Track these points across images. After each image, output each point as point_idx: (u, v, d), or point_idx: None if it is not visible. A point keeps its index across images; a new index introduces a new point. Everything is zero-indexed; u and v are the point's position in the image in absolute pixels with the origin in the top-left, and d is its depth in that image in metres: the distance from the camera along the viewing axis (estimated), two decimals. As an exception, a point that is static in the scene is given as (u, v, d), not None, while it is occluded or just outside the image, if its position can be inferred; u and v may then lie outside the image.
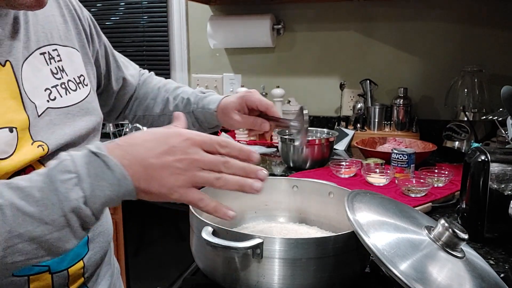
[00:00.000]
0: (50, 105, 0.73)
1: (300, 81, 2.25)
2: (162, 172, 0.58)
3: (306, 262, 0.70)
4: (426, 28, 2.05)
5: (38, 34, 0.74)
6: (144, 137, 0.60)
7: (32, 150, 0.67)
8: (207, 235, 0.71)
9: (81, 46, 0.85)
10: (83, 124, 0.77)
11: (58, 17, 0.80)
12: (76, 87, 0.79)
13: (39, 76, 0.72)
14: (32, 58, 0.72)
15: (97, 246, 0.80)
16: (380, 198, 0.78)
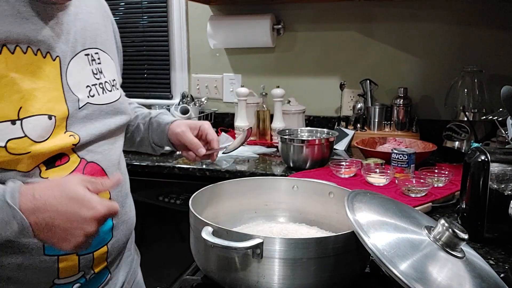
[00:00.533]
0: (89, 101, 0.82)
1: (300, 81, 2.25)
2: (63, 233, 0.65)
3: (306, 262, 0.70)
4: (426, 28, 2.05)
5: (85, 37, 0.84)
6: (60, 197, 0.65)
7: (64, 138, 0.76)
8: (207, 235, 0.71)
9: (115, 56, 0.96)
10: (113, 122, 0.87)
11: (101, 26, 0.91)
12: (111, 89, 0.89)
13: (82, 74, 0.82)
14: (78, 57, 0.81)
15: (120, 233, 0.88)
16: (380, 198, 0.78)
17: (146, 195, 1.77)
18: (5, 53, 0.68)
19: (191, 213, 0.80)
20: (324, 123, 2.20)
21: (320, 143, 1.66)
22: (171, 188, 1.76)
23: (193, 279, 0.84)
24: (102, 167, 0.83)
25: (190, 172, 1.71)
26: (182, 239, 1.76)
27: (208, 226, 0.73)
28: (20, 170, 0.71)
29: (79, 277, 0.81)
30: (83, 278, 0.81)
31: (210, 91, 2.39)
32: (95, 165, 0.82)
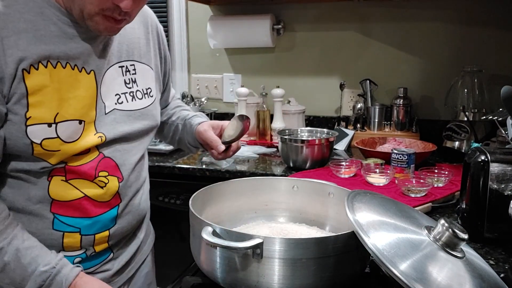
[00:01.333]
0: (117, 107, 0.92)
1: (300, 81, 2.25)
2: None
3: (306, 262, 0.70)
4: (426, 28, 2.05)
5: (121, 51, 0.94)
6: None
7: (93, 138, 0.88)
8: (207, 235, 0.71)
9: (155, 66, 1.04)
10: (140, 126, 0.97)
11: (142, 39, 1.00)
12: (143, 97, 0.98)
13: (114, 83, 0.92)
14: (112, 69, 0.92)
15: (124, 221, 0.97)
16: (380, 198, 0.78)
17: (146, 195, 1.77)
18: (49, 68, 0.81)
19: (191, 213, 0.80)
20: (324, 123, 2.20)
21: (320, 143, 1.66)
22: (171, 188, 1.76)
23: (193, 279, 0.84)
24: (116, 163, 0.92)
25: (190, 172, 1.71)
26: (182, 239, 1.76)
27: (208, 226, 0.73)
28: (50, 162, 0.84)
29: (81, 252, 0.92)
30: (84, 254, 0.93)
31: (210, 91, 2.39)
32: (111, 160, 0.92)
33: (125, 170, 0.94)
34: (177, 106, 1.24)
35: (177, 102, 1.27)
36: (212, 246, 0.72)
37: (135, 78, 0.97)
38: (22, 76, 0.78)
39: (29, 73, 0.79)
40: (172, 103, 1.25)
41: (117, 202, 0.94)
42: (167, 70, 1.13)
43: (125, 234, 1.00)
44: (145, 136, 1.00)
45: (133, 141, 0.96)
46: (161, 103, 1.15)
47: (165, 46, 1.10)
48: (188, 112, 1.21)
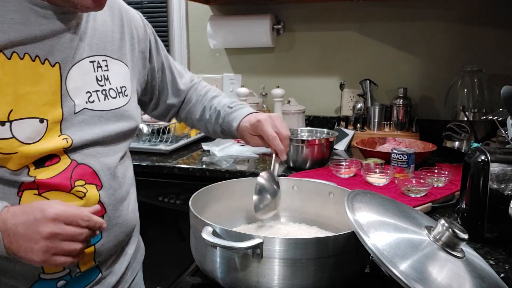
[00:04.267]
0: (87, 106, 0.83)
1: (300, 81, 2.25)
2: (26, 241, 0.69)
3: (306, 262, 0.70)
4: (426, 28, 2.05)
5: (92, 45, 0.85)
6: (24, 209, 0.71)
7: (56, 140, 0.78)
8: (207, 235, 0.71)
9: (132, 63, 0.96)
10: (114, 128, 0.87)
11: (116, 34, 0.92)
12: (116, 95, 0.89)
13: (84, 80, 0.83)
14: (81, 63, 0.82)
15: (111, 234, 0.88)
16: (380, 198, 0.78)
17: (146, 195, 1.77)
18: (1, 59, 0.72)
19: (191, 213, 0.80)
20: (324, 123, 2.20)
21: (320, 143, 1.66)
22: (171, 188, 1.76)
23: (193, 279, 0.84)
24: (94, 169, 0.84)
25: (190, 172, 1.71)
26: (182, 239, 1.76)
27: (208, 226, 0.73)
28: (9, 168, 0.75)
29: (64, 274, 0.83)
30: (68, 276, 0.83)
31: (210, 91, 2.39)
32: (86, 167, 0.83)
33: (104, 175, 0.85)
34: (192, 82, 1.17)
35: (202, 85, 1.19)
36: (212, 246, 0.72)
37: (107, 75, 0.88)
38: None
39: None
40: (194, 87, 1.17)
41: (102, 213, 0.85)
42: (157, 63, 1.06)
43: (113, 250, 0.90)
44: (122, 139, 0.91)
45: (109, 145, 0.87)
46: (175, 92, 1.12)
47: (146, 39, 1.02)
48: (213, 93, 1.15)
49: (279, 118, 1.01)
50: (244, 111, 1.06)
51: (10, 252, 0.70)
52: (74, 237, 0.71)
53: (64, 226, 0.70)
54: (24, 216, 0.70)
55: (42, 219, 0.69)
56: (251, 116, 1.03)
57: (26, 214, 0.70)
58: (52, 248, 0.70)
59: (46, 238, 0.69)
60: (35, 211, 0.70)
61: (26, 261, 0.71)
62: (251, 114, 1.04)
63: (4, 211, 0.71)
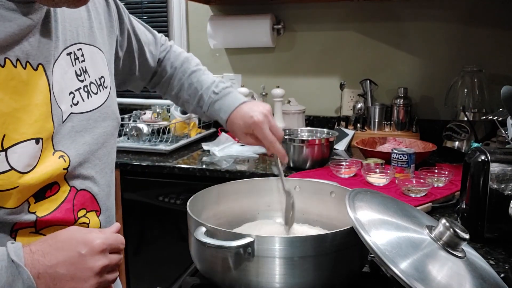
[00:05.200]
0: (73, 110, 0.71)
1: (300, 81, 2.25)
2: (73, 282, 0.59)
3: (299, 260, 0.70)
4: (426, 28, 2.05)
5: (65, 33, 0.72)
6: (55, 245, 0.60)
7: (54, 161, 0.67)
8: (200, 235, 0.72)
9: (103, 44, 0.82)
10: (102, 130, 0.77)
11: (83, 12, 0.78)
12: (97, 90, 0.78)
13: (66, 79, 0.71)
14: (60, 59, 0.70)
15: None
16: (381, 197, 0.78)
17: (146, 195, 1.77)
18: None
19: (188, 214, 0.80)
20: (324, 123, 2.20)
21: (320, 143, 1.65)
22: (171, 188, 1.76)
23: (193, 279, 0.84)
24: (92, 194, 0.76)
25: (190, 172, 1.71)
26: (182, 239, 1.76)
27: (201, 226, 0.74)
28: (7, 207, 0.63)
29: None
30: None
31: (210, 91, 2.39)
32: (85, 192, 0.75)
33: (101, 198, 0.77)
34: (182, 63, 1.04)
35: (175, 54, 1.05)
36: (206, 246, 0.72)
37: (85, 66, 0.75)
38: None
39: None
40: (166, 57, 1.05)
41: None
42: (121, 35, 0.92)
43: None
44: (110, 142, 0.81)
45: (100, 154, 0.77)
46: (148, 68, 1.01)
47: (110, 10, 0.86)
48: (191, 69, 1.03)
49: (271, 113, 0.96)
50: (232, 100, 0.97)
51: None
52: (118, 264, 0.66)
53: (111, 256, 0.63)
54: (62, 253, 0.60)
55: (90, 253, 0.61)
56: (244, 112, 0.94)
57: (64, 250, 0.60)
58: (101, 283, 0.62)
59: (98, 273, 0.61)
60: (75, 245, 0.61)
61: None
62: (241, 106, 0.96)
63: (26, 252, 0.59)
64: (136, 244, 1.84)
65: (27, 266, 0.58)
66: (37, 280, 0.58)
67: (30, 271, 0.58)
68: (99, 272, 0.61)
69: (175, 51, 1.08)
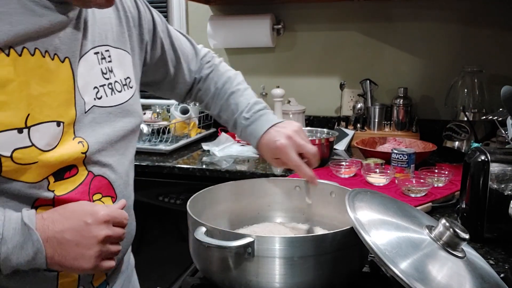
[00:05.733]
0: (96, 103, 0.77)
1: (300, 81, 2.25)
2: (77, 248, 0.66)
3: (303, 260, 0.70)
4: (426, 28, 2.05)
5: (95, 34, 0.79)
6: (64, 214, 0.67)
7: (73, 145, 0.72)
8: (200, 235, 0.72)
9: (132, 49, 0.89)
10: (122, 125, 0.82)
11: (114, 19, 0.85)
12: (122, 89, 0.83)
13: (91, 74, 0.77)
14: (87, 56, 0.77)
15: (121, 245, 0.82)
16: (380, 197, 0.78)
17: (146, 195, 1.77)
18: (12, 56, 0.64)
19: (188, 214, 0.80)
20: (324, 123, 2.20)
21: (320, 143, 1.65)
22: (171, 188, 1.76)
23: (193, 279, 0.84)
24: (109, 180, 0.80)
25: (190, 172, 1.71)
26: (182, 239, 1.76)
27: (201, 226, 0.74)
28: (26, 181, 0.68)
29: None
30: None
31: (210, 91, 2.39)
32: (102, 178, 0.79)
33: (118, 186, 0.82)
34: (223, 84, 1.04)
35: (218, 74, 1.06)
36: (206, 246, 0.72)
37: (111, 66, 0.81)
38: None
39: None
40: (210, 76, 1.06)
41: None
42: (156, 48, 0.97)
43: (120, 260, 0.88)
44: (130, 139, 0.86)
45: (120, 147, 0.82)
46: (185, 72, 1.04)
47: (143, 23, 0.92)
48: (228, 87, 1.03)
49: (300, 132, 0.93)
50: (261, 125, 0.96)
51: (52, 262, 0.66)
52: (121, 238, 0.71)
53: (114, 228, 0.69)
54: (70, 221, 0.66)
55: (95, 221, 0.67)
56: (269, 137, 0.93)
57: (71, 219, 0.67)
58: (103, 252, 0.68)
59: (100, 242, 0.67)
60: (82, 214, 0.67)
61: (73, 270, 0.68)
62: (269, 130, 0.94)
63: (38, 218, 0.66)
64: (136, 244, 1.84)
65: (38, 230, 0.65)
66: (46, 243, 0.65)
67: (40, 235, 0.64)
68: (102, 241, 0.67)
69: (220, 69, 1.09)
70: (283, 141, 0.90)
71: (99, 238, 0.67)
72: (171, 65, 1.02)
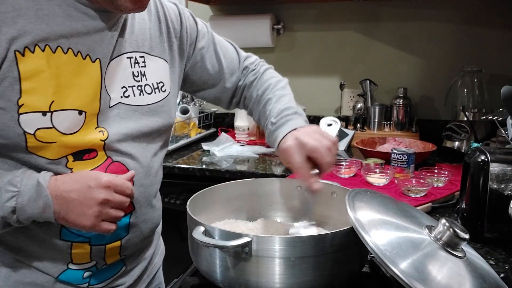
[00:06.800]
0: (122, 101, 0.84)
1: (300, 81, 2.25)
2: (80, 206, 0.75)
3: (302, 260, 0.70)
4: (426, 28, 2.05)
5: (131, 42, 0.86)
6: (74, 177, 0.77)
7: (94, 132, 0.81)
8: (198, 235, 0.72)
9: (172, 58, 0.95)
10: (147, 123, 0.88)
11: (154, 31, 0.92)
12: (152, 91, 0.90)
13: (121, 75, 0.84)
14: (119, 59, 0.84)
15: (138, 231, 0.90)
16: (380, 197, 0.78)
17: (146, 195, 1.77)
18: (47, 52, 0.74)
19: (188, 214, 0.80)
20: (324, 123, 2.20)
21: (320, 143, 1.65)
22: (171, 188, 1.76)
23: (193, 279, 0.84)
24: (127, 167, 0.85)
25: (190, 172, 1.71)
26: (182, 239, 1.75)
27: (200, 226, 0.74)
28: (48, 157, 0.77)
29: (91, 265, 0.87)
30: (94, 267, 0.87)
31: (210, 91, 2.39)
32: (120, 165, 0.84)
33: (136, 174, 0.86)
34: (264, 92, 1.04)
35: (260, 82, 1.07)
36: (203, 246, 0.72)
37: (144, 71, 0.88)
38: (15, 59, 0.71)
39: (23, 55, 0.72)
40: (253, 84, 1.08)
41: (129, 210, 0.87)
42: (194, 58, 1.02)
43: (139, 245, 0.93)
44: (156, 136, 0.91)
45: (142, 141, 0.88)
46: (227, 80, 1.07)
47: (184, 35, 0.98)
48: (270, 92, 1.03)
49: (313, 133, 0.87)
50: (282, 131, 0.92)
51: (59, 217, 0.75)
52: (121, 204, 0.78)
53: (114, 194, 0.76)
54: (76, 183, 0.76)
55: (96, 185, 0.75)
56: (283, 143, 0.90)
57: (78, 182, 0.76)
58: (103, 214, 0.76)
59: (99, 203, 0.75)
60: (87, 179, 0.76)
61: (76, 225, 0.77)
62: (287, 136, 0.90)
63: (51, 179, 0.76)
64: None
65: (49, 188, 0.75)
66: (55, 199, 0.75)
67: (51, 192, 0.75)
68: (101, 203, 0.75)
69: (263, 77, 1.09)
70: (289, 142, 0.87)
71: (98, 200, 0.75)
72: (212, 72, 1.06)
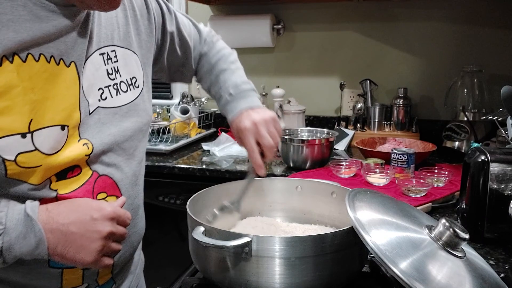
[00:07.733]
0: (100, 104, 0.77)
1: (300, 81, 2.25)
2: (80, 240, 0.67)
3: (302, 260, 0.70)
4: (426, 28, 2.05)
5: (100, 35, 0.78)
6: (70, 207, 0.69)
7: (78, 147, 0.73)
8: (198, 235, 0.72)
9: (139, 48, 0.88)
10: (129, 125, 0.82)
11: (120, 18, 0.83)
12: (127, 89, 0.83)
13: (96, 76, 0.76)
14: (92, 57, 0.76)
15: (128, 245, 0.86)
16: (380, 196, 0.78)
17: (146, 195, 1.76)
18: (16, 62, 0.64)
19: (188, 214, 0.80)
20: (324, 123, 2.20)
21: (320, 143, 1.66)
22: (171, 188, 1.76)
23: (193, 279, 0.84)
24: (114, 180, 0.80)
25: (190, 172, 1.71)
26: (182, 239, 1.76)
27: (200, 226, 0.74)
28: (31, 182, 0.69)
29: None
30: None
31: (210, 91, 2.39)
32: (107, 178, 0.79)
33: (124, 185, 0.81)
34: (217, 61, 1.07)
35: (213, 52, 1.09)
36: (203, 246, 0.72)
37: (117, 66, 0.81)
38: None
39: None
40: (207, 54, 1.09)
41: None
42: (164, 42, 0.98)
43: (127, 259, 0.88)
44: (137, 136, 0.85)
45: (127, 146, 0.82)
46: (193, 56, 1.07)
47: (150, 18, 0.91)
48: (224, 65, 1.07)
49: (269, 122, 0.95)
50: (242, 104, 0.99)
51: (55, 253, 0.67)
52: (122, 236, 0.72)
53: (118, 226, 0.71)
54: (74, 214, 0.68)
55: (101, 218, 0.68)
56: (242, 118, 0.96)
57: (76, 212, 0.68)
58: (105, 248, 0.69)
59: (104, 237, 0.68)
60: (88, 209, 0.69)
61: (74, 261, 0.68)
62: (248, 111, 0.97)
63: (41, 210, 0.67)
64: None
65: (41, 221, 0.66)
66: (49, 234, 0.66)
67: (44, 226, 0.66)
68: (106, 237, 0.68)
69: (216, 47, 1.11)
70: (247, 125, 0.94)
71: (103, 233, 0.68)
72: (180, 51, 1.05)
